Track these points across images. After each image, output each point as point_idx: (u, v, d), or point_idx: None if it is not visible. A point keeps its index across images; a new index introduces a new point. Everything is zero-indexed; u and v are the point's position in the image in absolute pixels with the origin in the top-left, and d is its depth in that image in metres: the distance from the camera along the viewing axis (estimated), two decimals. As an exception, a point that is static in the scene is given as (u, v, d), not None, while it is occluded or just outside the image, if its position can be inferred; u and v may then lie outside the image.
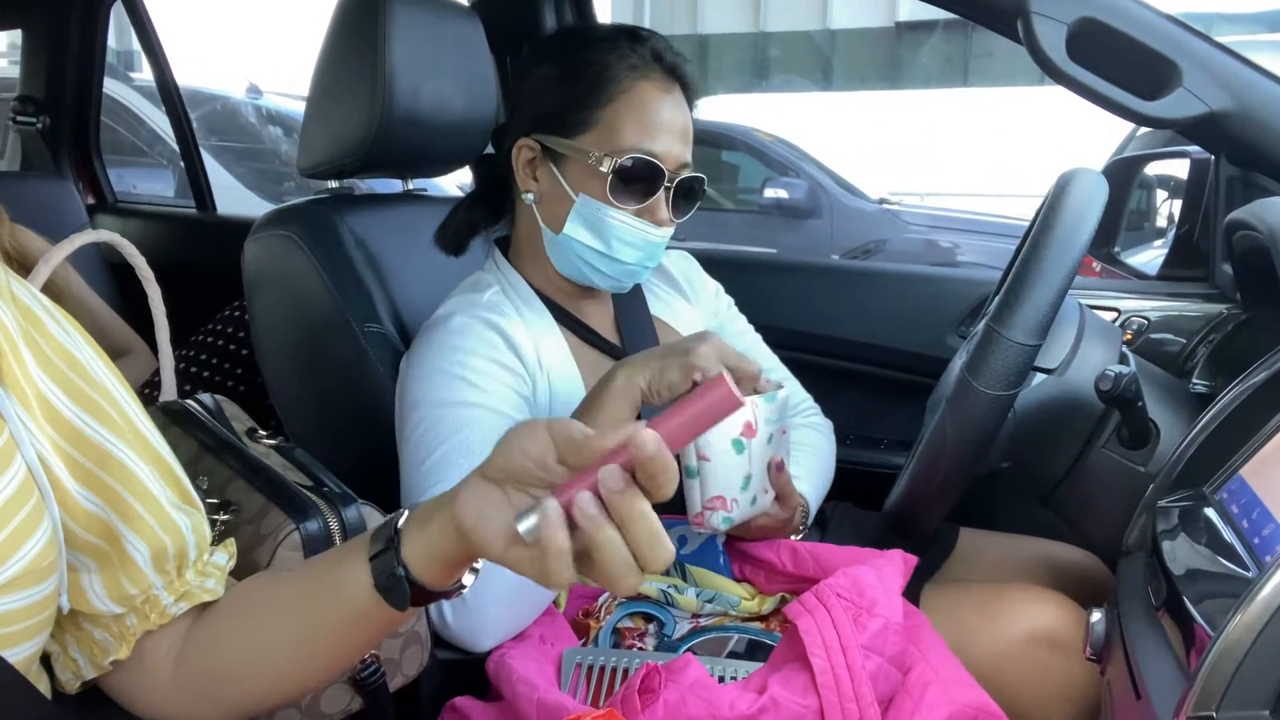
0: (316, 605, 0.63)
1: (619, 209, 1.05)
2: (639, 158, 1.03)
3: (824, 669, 0.82)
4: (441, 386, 1.01)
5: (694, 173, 1.09)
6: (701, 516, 0.96)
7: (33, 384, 0.59)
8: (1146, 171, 3.02)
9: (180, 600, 0.66)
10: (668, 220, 1.07)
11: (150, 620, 0.64)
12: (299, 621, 0.64)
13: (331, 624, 0.63)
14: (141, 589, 0.63)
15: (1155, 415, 0.97)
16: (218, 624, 0.67)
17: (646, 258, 1.08)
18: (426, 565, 0.59)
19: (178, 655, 0.66)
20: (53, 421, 0.59)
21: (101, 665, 0.65)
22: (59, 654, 0.65)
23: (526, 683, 0.87)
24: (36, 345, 0.60)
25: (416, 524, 0.60)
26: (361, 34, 1.20)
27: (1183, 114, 1.08)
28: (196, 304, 1.86)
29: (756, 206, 6.15)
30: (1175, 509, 0.80)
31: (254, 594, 0.68)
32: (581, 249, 1.07)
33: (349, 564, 0.62)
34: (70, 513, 0.60)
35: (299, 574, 0.67)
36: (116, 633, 0.64)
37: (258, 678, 0.66)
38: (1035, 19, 1.08)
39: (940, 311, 1.59)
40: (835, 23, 12.48)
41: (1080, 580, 1.22)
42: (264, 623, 0.66)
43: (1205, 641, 0.60)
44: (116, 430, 0.62)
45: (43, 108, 2.43)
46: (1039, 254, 0.91)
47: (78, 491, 0.60)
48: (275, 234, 1.23)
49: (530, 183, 1.11)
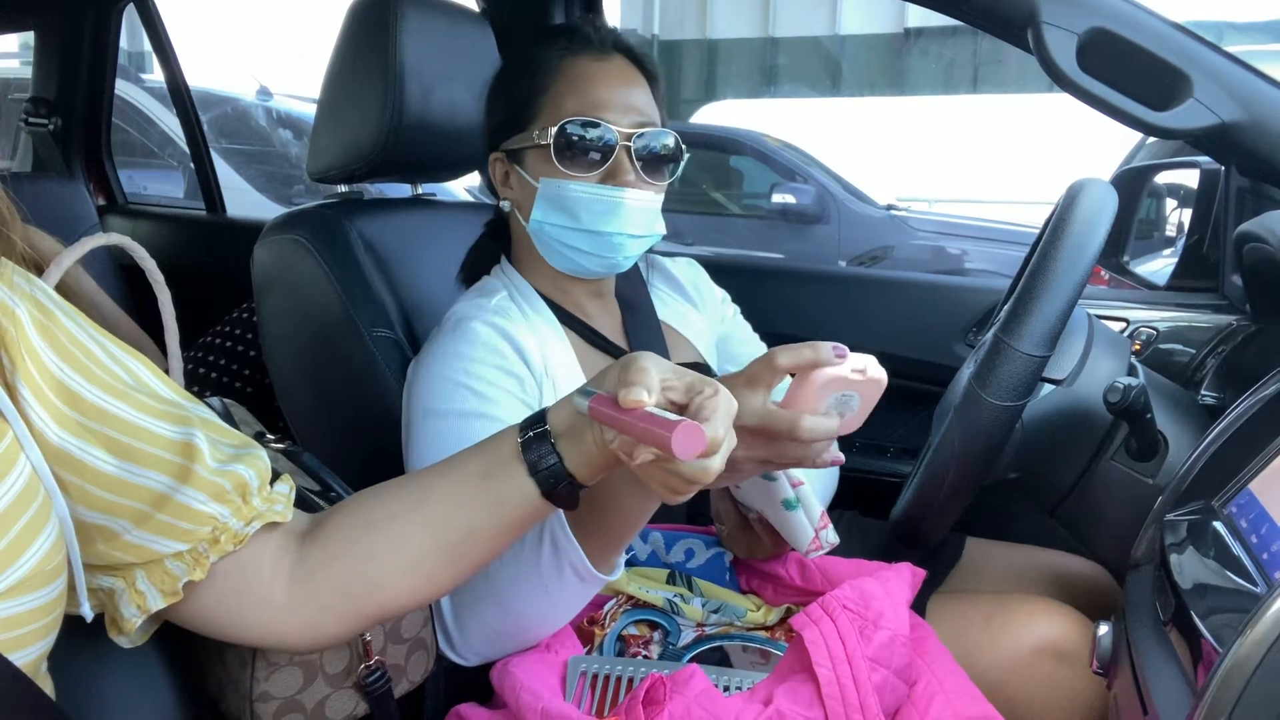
0: (476, 515, 0.70)
1: (578, 180, 1.04)
2: (578, 119, 1.03)
3: (829, 680, 0.82)
4: (448, 395, 1.01)
5: (661, 129, 1.07)
6: (818, 539, 0.95)
7: (48, 374, 0.59)
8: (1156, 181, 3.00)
9: (251, 523, 0.67)
10: (635, 181, 1.04)
11: (222, 544, 0.65)
12: (456, 528, 0.70)
13: (493, 529, 0.71)
14: (207, 524, 0.64)
15: (1164, 427, 0.97)
16: (350, 539, 0.70)
17: (626, 224, 1.05)
18: (585, 471, 0.70)
19: (292, 577, 0.69)
20: (78, 407, 0.60)
21: (175, 591, 0.65)
22: (124, 589, 0.65)
23: (530, 691, 0.86)
24: (53, 336, 0.61)
25: (567, 439, 0.69)
26: (372, 39, 1.20)
27: (1193, 125, 1.08)
28: (206, 305, 1.87)
29: (763, 212, 6.14)
30: (1184, 522, 0.79)
31: (389, 505, 0.71)
32: (555, 230, 1.07)
33: (506, 476, 0.70)
34: (112, 489, 0.61)
35: (440, 486, 0.71)
36: (190, 560, 0.65)
37: (403, 584, 0.71)
38: (1045, 29, 1.08)
39: (948, 319, 1.59)
40: (844, 28, 12.47)
41: (1087, 592, 1.22)
42: (412, 531, 0.70)
43: (1213, 657, 0.59)
44: (147, 409, 0.63)
45: (54, 109, 2.44)
46: (1048, 265, 0.91)
47: (120, 468, 0.61)
48: (285, 238, 1.24)
49: (507, 191, 1.12)
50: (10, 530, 0.55)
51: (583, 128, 1.03)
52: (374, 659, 0.84)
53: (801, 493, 0.92)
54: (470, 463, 0.72)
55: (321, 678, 0.81)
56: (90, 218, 2.37)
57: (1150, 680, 0.68)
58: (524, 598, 0.91)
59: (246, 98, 5.77)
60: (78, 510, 0.61)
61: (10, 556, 0.55)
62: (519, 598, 0.91)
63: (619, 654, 1.00)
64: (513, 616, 0.93)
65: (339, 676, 0.82)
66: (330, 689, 0.82)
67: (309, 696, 0.81)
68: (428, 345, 1.08)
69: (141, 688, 0.75)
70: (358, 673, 0.83)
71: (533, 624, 0.94)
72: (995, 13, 1.16)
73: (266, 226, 1.28)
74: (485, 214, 1.44)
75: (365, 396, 1.19)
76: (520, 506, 0.70)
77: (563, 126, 1.03)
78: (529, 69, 1.09)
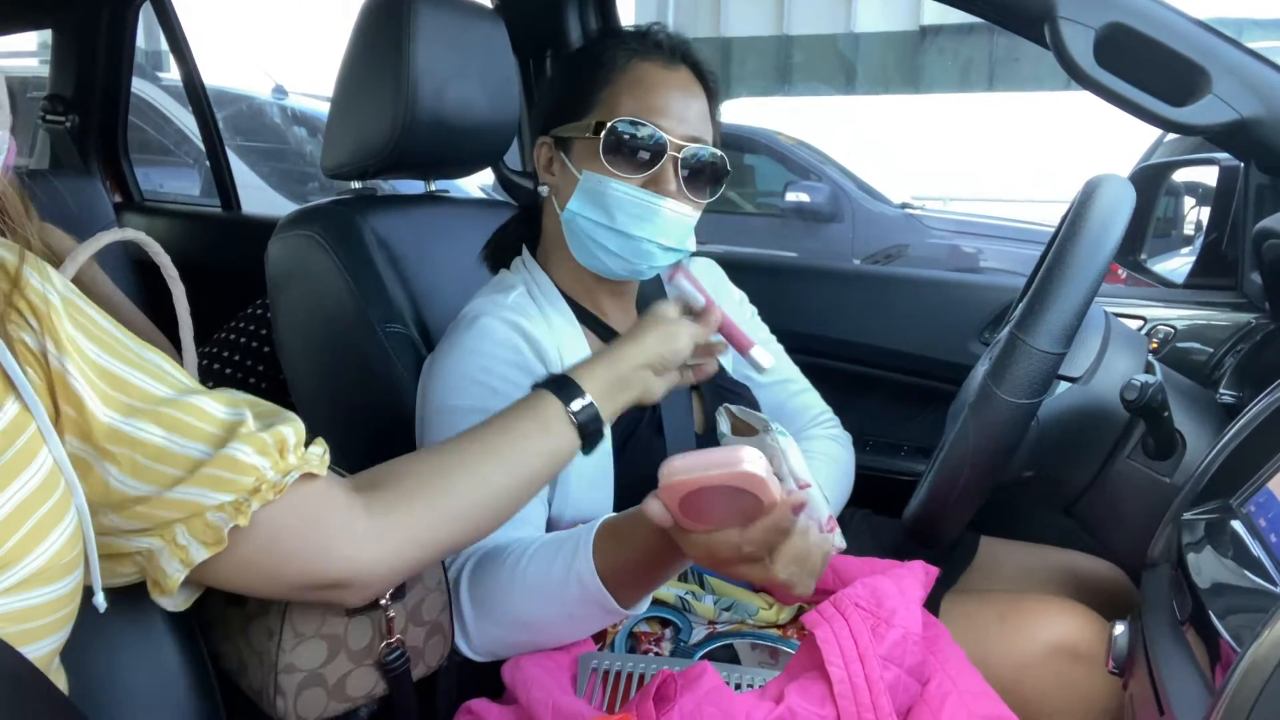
0: (534, 463, 0.82)
1: (620, 180, 1.04)
2: (632, 120, 1.03)
3: (841, 679, 0.81)
4: (464, 392, 1.01)
5: (710, 148, 1.07)
6: None
7: (88, 359, 0.60)
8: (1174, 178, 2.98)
9: (289, 474, 0.67)
10: (676, 193, 1.04)
11: (263, 493, 0.66)
12: (520, 478, 0.81)
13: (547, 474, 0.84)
14: (250, 474, 0.65)
15: (1181, 426, 0.96)
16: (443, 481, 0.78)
17: (657, 232, 1.05)
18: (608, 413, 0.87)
19: (369, 510, 0.73)
20: (118, 387, 0.61)
21: (219, 540, 0.64)
22: (163, 547, 0.65)
23: (542, 687, 0.86)
24: (84, 325, 0.62)
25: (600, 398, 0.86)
26: (386, 36, 1.21)
27: (1212, 120, 1.07)
28: (221, 302, 1.88)
29: (778, 210, 6.12)
30: (1201, 521, 0.79)
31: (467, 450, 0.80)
32: (587, 225, 1.06)
33: (556, 433, 0.84)
34: (160, 459, 0.62)
35: (504, 439, 0.82)
36: (231, 509, 0.65)
37: (479, 517, 0.80)
38: (1062, 24, 1.07)
39: (963, 318, 1.58)
40: (859, 26, 12.43)
41: (1103, 592, 1.21)
42: (491, 477, 0.79)
43: (1231, 657, 0.59)
44: (181, 389, 0.65)
45: (71, 107, 2.46)
46: (1064, 261, 0.90)
47: (166, 438, 0.62)
48: (298, 234, 1.24)
49: (547, 177, 1.12)
50: (27, 521, 0.55)
51: (635, 128, 1.03)
52: (395, 637, 0.84)
53: (809, 495, 0.91)
54: (522, 421, 0.83)
55: (345, 653, 0.82)
56: (107, 215, 2.38)
57: (1167, 680, 0.67)
58: (547, 620, 0.92)
59: (262, 96, 5.80)
60: (126, 481, 0.61)
61: (26, 548, 0.55)
62: (542, 618, 0.92)
63: (630, 651, 1.00)
64: (532, 632, 0.94)
65: (361, 653, 0.83)
66: (352, 665, 0.83)
67: (331, 671, 0.82)
68: (444, 342, 1.08)
69: (155, 681, 0.75)
70: (379, 650, 0.84)
71: (551, 639, 0.95)
72: (1012, 8, 1.16)
73: (280, 223, 1.28)
74: (498, 211, 1.44)
75: (378, 391, 1.19)
76: (567, 454, 0.85)
77: (615, 124, 1.03)
78: (594, 62, 1.09)
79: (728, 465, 0.71)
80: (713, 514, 0.74)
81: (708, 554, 0.77)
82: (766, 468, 0.72)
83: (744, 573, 0.78)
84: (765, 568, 0.76)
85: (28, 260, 0.60)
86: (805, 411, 1.28)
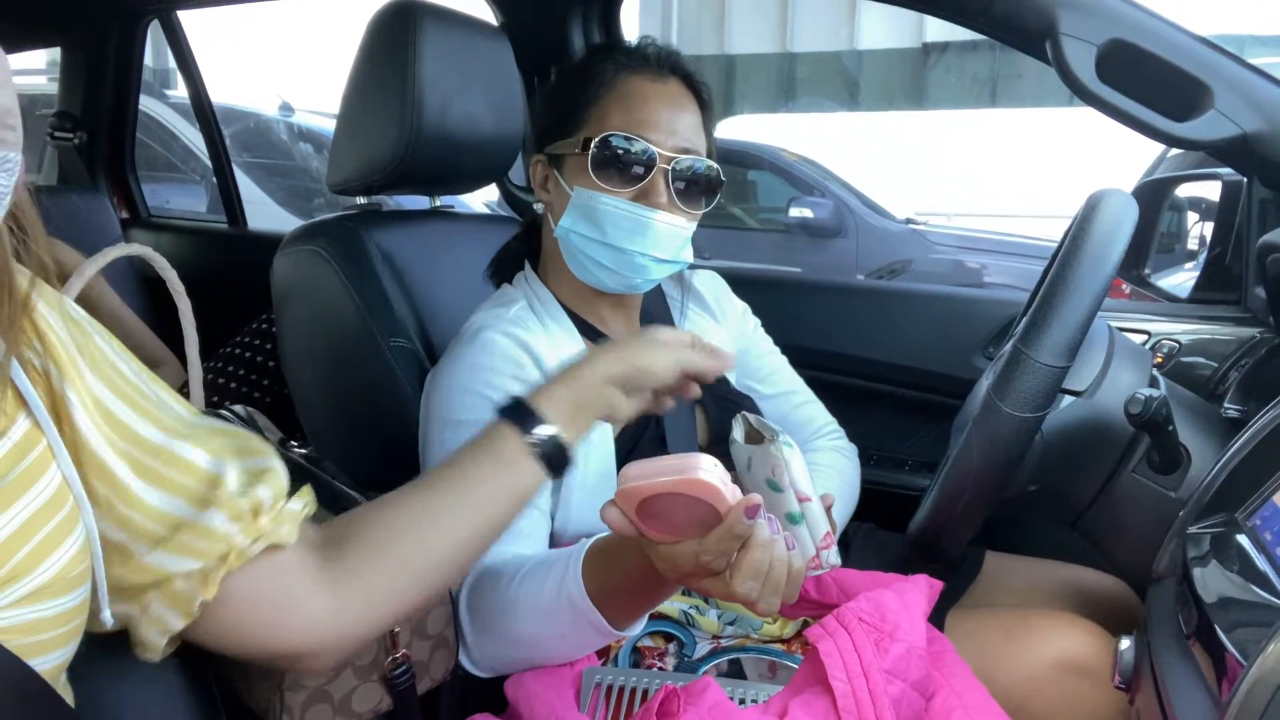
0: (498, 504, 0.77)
1: (611, 194, 1.04)
2: (620, 134, 1.03)
3: (845, 693, 0.81)
4: (467, 406, 1.01)
5: (702, 158, 1.07)
6: (819, 558, 0.94)
7: (88, 388, 0.60)
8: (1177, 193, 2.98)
9: (257, 541, 0.66)
10: (668, 205, 1.04)
11: (229, 562, 0.65)
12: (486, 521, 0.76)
13: (513, 512, 0.78)
14: (221, 542, 0.64)
15: (1186, 440, 0.96)
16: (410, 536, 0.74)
17: (650, 245, 1.05)
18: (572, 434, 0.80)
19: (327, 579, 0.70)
20: (111, 424, 0.61)
21: (190, 612, 0.65)
22: (139, 615, 0.65)
23: (545, 702, 0.86)
24: (88, 352, 0.62)
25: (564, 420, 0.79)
26: (392, 53, 1.21)
27: (1214, 136, 1.07)
28: (227, 317, 1.89)
29: (782, 226, 6.13)
30: (1206, 535, 0.78)
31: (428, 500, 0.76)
32: (580, 240, 1.07)
33: (515, 472, 0.77)
34: (136, 508, 0.61)
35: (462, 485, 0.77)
36: (199, 579, 0.64)
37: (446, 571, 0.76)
38: (1064, 40, 1.08)
39: (967, 332, 1.58)
40: (863, 43, 12.48)
41: (1109, 606, 1.20)
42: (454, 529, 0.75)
43: (1237, 671, 0.58)
44: (171, 431, 0.64)
45: (80, 124, 2.48)
46: (1068, 275, 0.90)
47: (144, 490, 0.62)
48: (304, 249, 1.25)
49: (543, 194, 1.13)
50: (36, 535, 0.56)
51: (624, 142, 1.03)
52: (400, 652, 0.84)
53: (807, 509, 0.91)
54: (481, 463, 0.77)
55: (350, 669, 0.82)
56: (114, 231, 2.39)
57: (1173, 695, 0.67)
58: (543, 639, 0.92)
59: (268, 113, 5.83)
60: (103, 525, 0.61)
61: (34, 561, 0.55)
62: (538, 637, 0.92)
63: (634, 665, 1.00)
64: (529, 649, 0.94)
65: (366, 669, 0.83)
66: (358, 681, 0.83)
67: (337, 688, 0.82)
68: (446, 356, 1.08)
69: (162, 695, 0.75)
70: (384, 665, 0.84)
71: (550, 657, 0.95)
72: (1014, 24, 1.16)
73: (286, 238, 1.29)
74: (503, 226, 1.45)
75: (382, 405, 1.19)
76: (532, 488, 0.78)
77: (605, 139, 1.03)
78: (582, 78, 1.09)
79: (680, 472, 0.70)
80: (675, 523, 0.74)
81: (672, 565, 0.76)
82: (722, 476, 0.72)
83: (705, 586, 0.76)
84: (725, 581, 0.75)
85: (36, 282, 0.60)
86: (810, 423, 1.28)
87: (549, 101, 1.15)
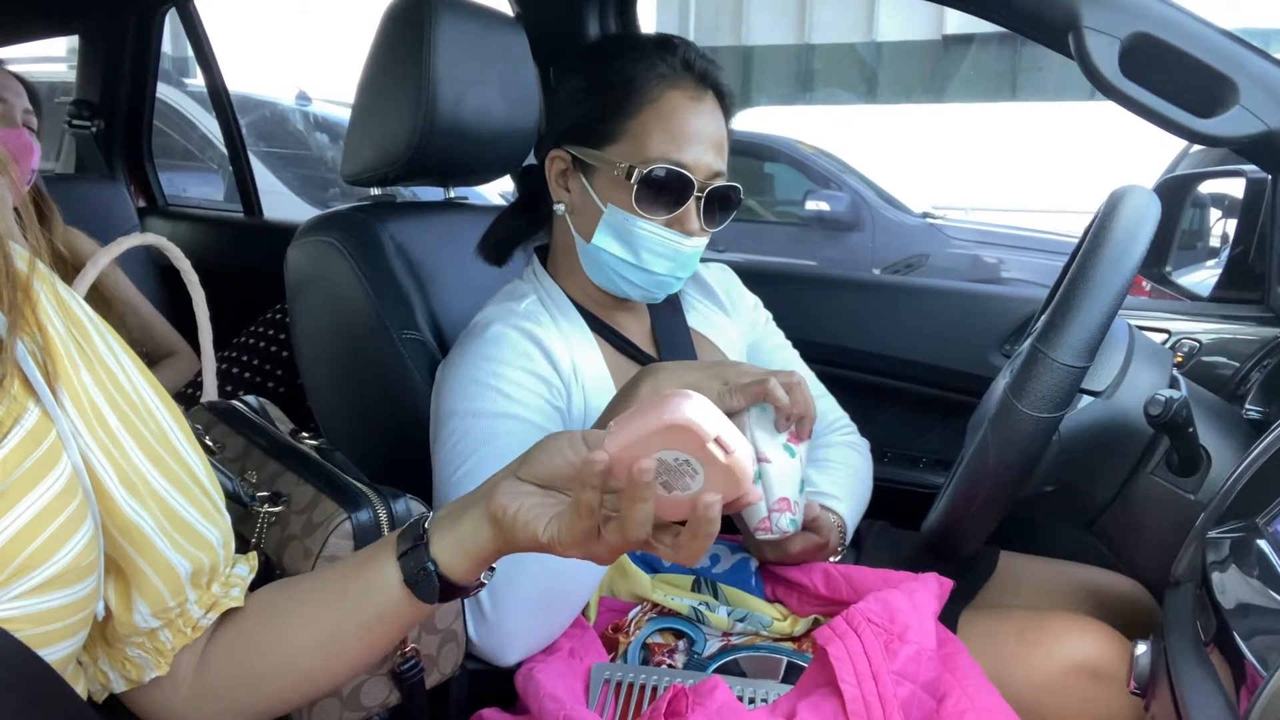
0: (344, 605, 0.67)
1: (647, 219, 1.04)
2: (664, 168, 1.03)
3: (854, 697, 0.80)
4: (476, 397, 1.01)
5: (728, 182, 1.08)
6: (769, 520, 0.94)
7: (84, 389, 0.60)
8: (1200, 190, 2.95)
9: (209, 612, 0.66)
10: (698, 230, 1.06)
11: (185, 634, 0.65)
12: (326, 623, 0.67)
13: (359, 623, 0.66)
14: (178, 602, 0.64)
15: (1206, 442, 0.94)
16: (242, 631, 0.69)
17: (677, 268, 1.08)
18: (456, 560, 0.64)
19: (197, 666, 0.68)
20: (103, 428, 0.60)
21: (138, 680, 0.65)
22: (89, 665, 0.66)
23: (553, 698, 0.86)
24: (85, 353, 0.61)
25: (446, 522, 0.65)
26: (407, 43, 1.21)
27: (1239, 132, 1.05)
28: (241, 306, 1.89)
29: (797, 219, 6.11)
30: (1226, 540, 0.77)
31: (277, 600, 0.70)
32: (611, 259, 1.07)
33: (376, 563, 0.66)
34: (113, 518, 0.60)
35: (322, 578, 0.69)
36: (151, 649, 0.65)
37: (283, 680, 0.68)
38: (1087, 33, 1.06)
39: (983, 329, 1.56)
40: (881, 35, 12.40)
41: (1125, 610, 1.19)
42: (290, 627, 0.68)
43: (1257, 680, 0.57)
44: (152, 455, 0.63)
45: (97, 112, 2.49)
46: (1088, 273, 0.89)
47: (124, 500, 0.61)
48: (318, 240, 1.24)
49: (562, 193, 1.11)
50: (51, 525, 0.56)
51: (666, 175, 1.03)
52: (409, 647, 0.84)
53: (764, 469, 0.89)
54: (362, 554, 0.69)
55: None
56: (130, 219, 2.41)
57: (1190, 702, 0.66)
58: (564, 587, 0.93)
59: (285, 102, 5.85)
60: None
61: (49, 551, 0.55)
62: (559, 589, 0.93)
63: (643, 662, 1.00)
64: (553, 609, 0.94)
65: (375, 663, 0.83)
66: (366, 675, 0.83)
67: None
68: (456, 348, 1.08)
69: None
70: (393, 660, 0.84)
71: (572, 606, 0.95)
72: (1036, 17, 1.14)
73: (300, 229, 1.29)
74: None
75: (394, 397, 1.19)
76: (384, 593, 0.65)
77: (652, 171, 1.02)
78: (619, 82, 1.06)
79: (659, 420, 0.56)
80: None
81: None
82: None
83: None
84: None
85: (38, 272, 0.60)
86: (821, 418, 1.27)
87: (580, 97, 1.10)
